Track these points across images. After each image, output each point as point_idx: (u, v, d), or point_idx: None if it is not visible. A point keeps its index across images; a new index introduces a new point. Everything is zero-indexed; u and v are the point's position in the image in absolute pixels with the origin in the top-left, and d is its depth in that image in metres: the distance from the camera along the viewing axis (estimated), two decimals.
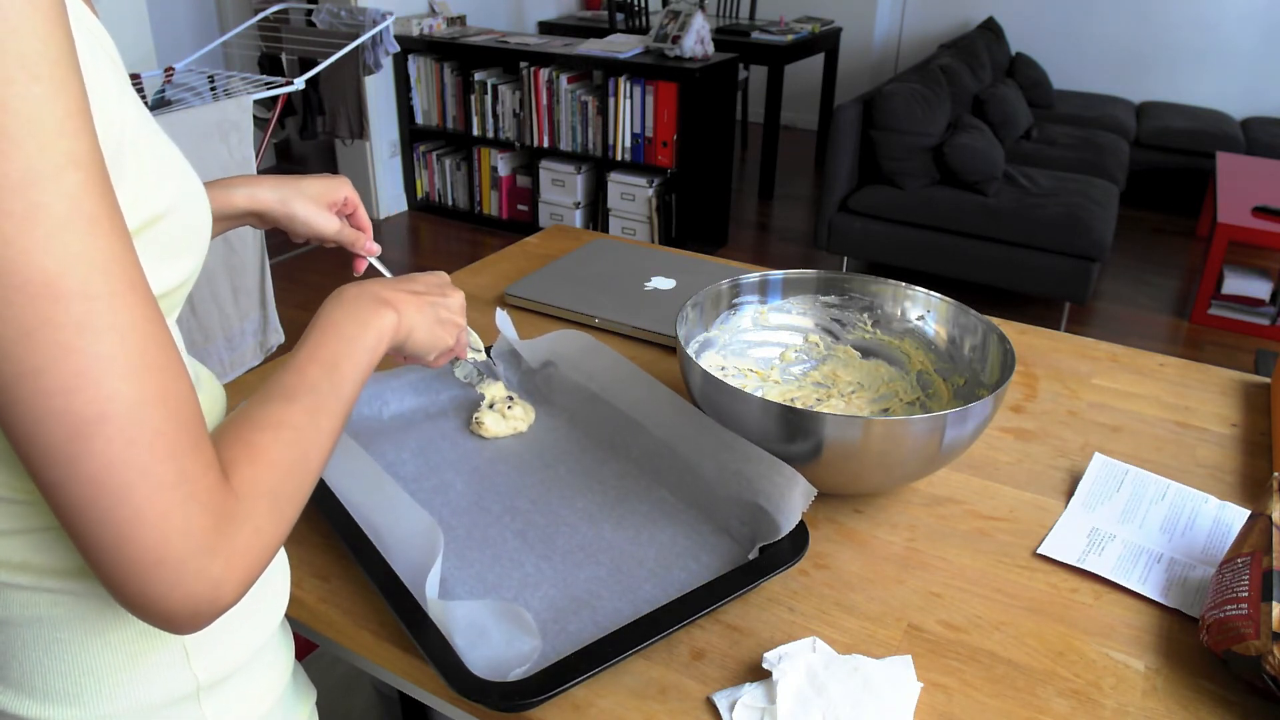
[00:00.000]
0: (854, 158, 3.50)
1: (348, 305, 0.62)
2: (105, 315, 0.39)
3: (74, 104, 0.38)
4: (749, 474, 0.82)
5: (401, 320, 0.65)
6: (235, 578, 0.45)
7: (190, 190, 0.52)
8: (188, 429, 0.43)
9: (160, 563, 0.42)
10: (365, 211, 0.90)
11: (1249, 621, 0.67)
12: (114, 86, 0.45)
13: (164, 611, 0.43)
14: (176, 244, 0.51)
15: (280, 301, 2.66)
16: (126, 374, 0.40)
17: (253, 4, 3.69)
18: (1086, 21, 5.08)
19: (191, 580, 0.43)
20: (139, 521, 0.41)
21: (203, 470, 0.44)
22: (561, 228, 1.60)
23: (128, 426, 0.40)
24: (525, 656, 0.66)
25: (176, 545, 0.42)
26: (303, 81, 2.59)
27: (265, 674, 0.63)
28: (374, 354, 0.61)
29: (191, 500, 0.42)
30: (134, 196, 0.46)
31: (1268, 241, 3.25)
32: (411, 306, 0.67)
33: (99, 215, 0.39)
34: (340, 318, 0.61)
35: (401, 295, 0.67)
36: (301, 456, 0.51)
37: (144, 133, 0.48)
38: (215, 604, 0.44)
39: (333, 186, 0.86)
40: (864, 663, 0.68)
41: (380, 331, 0.62)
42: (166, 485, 0.41)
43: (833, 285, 1.07)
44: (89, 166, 0.39)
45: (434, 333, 0.71)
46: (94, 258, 0.39)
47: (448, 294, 0.73)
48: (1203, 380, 1.15)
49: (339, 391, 0.57)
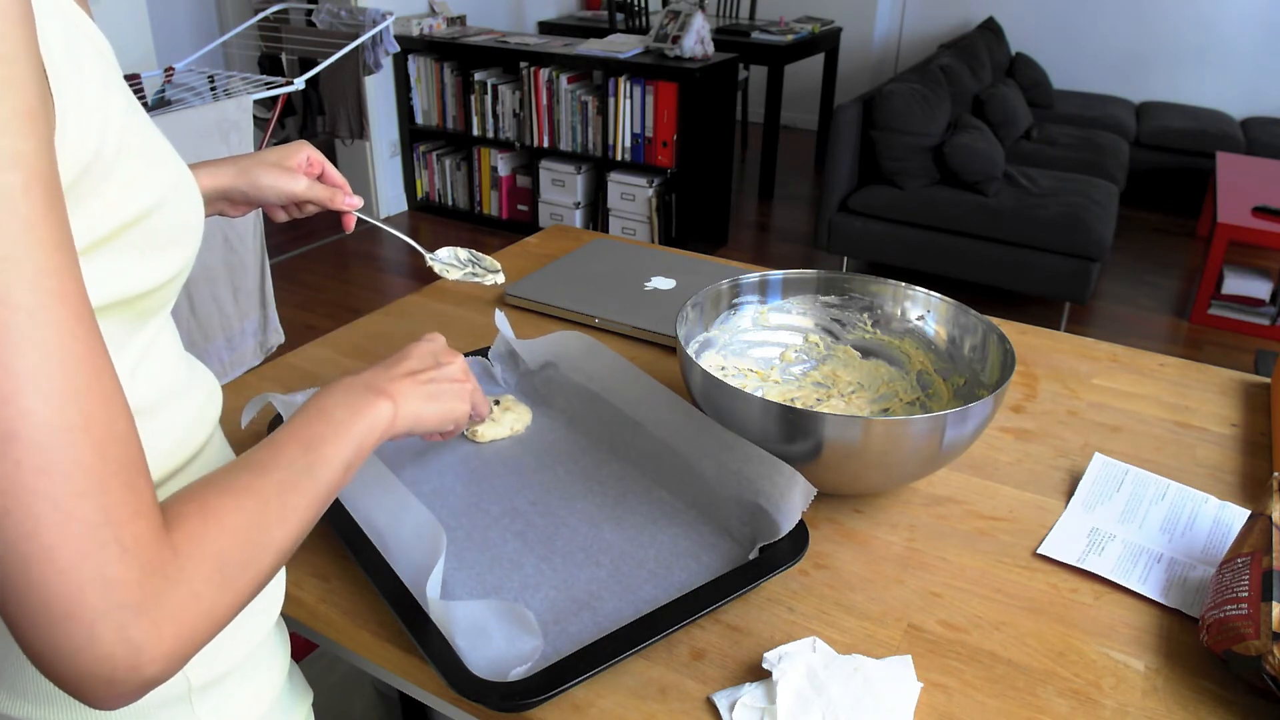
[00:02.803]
0: (854, 158, 3.50)
1: (339, 393, 0.59)
2: (26, 328, 0.35)
3: (23, 104, 0.36)
4: (749, 474, 0.82)
5: (399, 410, 0.62)
6: (162, 647, 0.39)
7: (180, 182, 0.52)
8: (118, 466, 0.38)
9: (70, 615, 0.36)
10: (335, 169, 0.89)
11: (1249, 621, 0.67)
12: (100, 83, 0.45)
13: (73, 674, 0.37)
14: (168, 236, 0.50)
15: (280, 301, 2.66)
16: (44, 394, 0.36)
17: (253, 4, 3.69)
18: (1086, 21, 5.08)
19: (107, 640, 0.37)
20: (47, 562, 0.36)
21: (131, 515, 0.38)
22: (561, 228, 1.60)
23: (41, 450, 0.36)
24: (526, 656, 0.66)
25: (91, 596, 0.37)
26: (303, 81, 2.59)
27: (260, 676, 0.63)
28: (362, 442, 0.57)
29: (114, 544, 0.37)
30: (124, 192, 0.46)
31: (1268, 241, 3.25)
32: (408, 392, 0.64)
33: (36, 222, 0.36)
34: (329, 404, 0.58)
35: (396, 383, 0.64)
36: (260, 529, 0.46)
37: (133, 128, 0.47)
38: (135, 675, 0.38)
39: (291, 149, 0.86)
40: (864, 663, 0.68)
41: (373, 421, 0.59)
42: (84, 524, 0.37)
43: (833, 285, 1.07)
44: (32, 170, 0.36)
45: (442, 408, 0.67)
46: (21, 266, 0.35)
47: (444, 361, 0.70)
48: (1203, 380, 1.15)
49: (315, 472, 0.52)
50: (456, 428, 0.72)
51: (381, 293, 3.57)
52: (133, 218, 0.47)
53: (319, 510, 0.52)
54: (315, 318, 3.29)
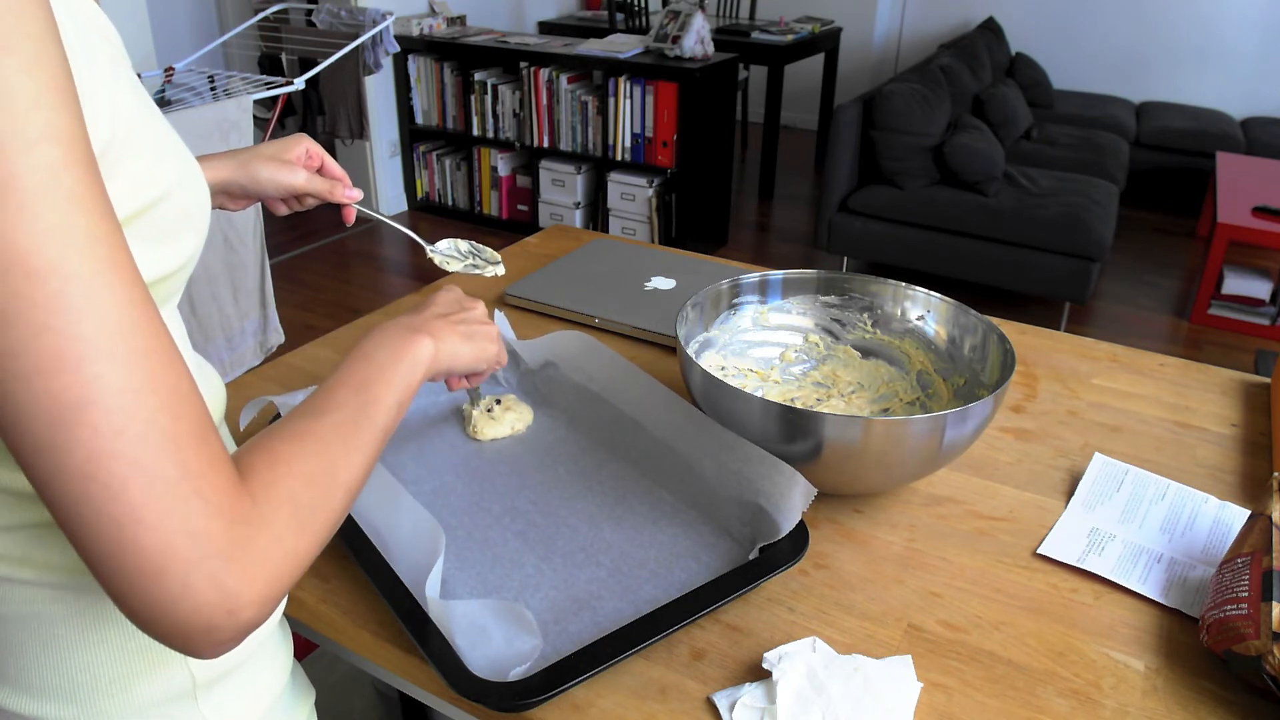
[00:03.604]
0: (854, 158, 3.50)
1: (379, 336, 0.61)
2: (84, 295, 0.36)
3: (53, 79, 0.37)
4: (749, 474, 0.82)
5: (440, 347, 0.64)
6: (255, 590, 0.40)
7: (188, 170, 0.53)
8: (188, 421, 0.39)
9: (164, 569, 0.38)
10: (334, 162, 0.89)
11: (1249, 621, 0.67)
12: (109, 72, 0.45)
13: (173, 626, 0.39)
14: (178, 224, 0.51)
15: (280, 301, 2.66)
16: (110, 358, 0.37)
17: (253, 4, 3.69)
18: (1086, 21, 5.08)
19: (202, 590, 0.38)
20: (135, 521, 0.37)
21: (209, 466, 0.40)
22: (561, 228, 1.60)
23: (115, 413, 0.37)
24: (526, 656, 0.66)
25: (182, 549, 0.38)
26: (303, 81, 2.59)
27: (263, 672, 0.63)
28: (409, 381, 0.59)
29: (197, 498, 0.39)
30: (134, 180, 0.46)
31: (1268, 241, 3.25)
32: (446, 331, 0.66)
33: (78, 192, 0.37)
34: (372, 348, 0.60)
35: (433, 322, 0.66)
36: (328, 468, 0.48)
37: (142, 116, 0.47)
38: (233, 619, 0.40)
39: (290, 142, 0.87)
40: (864, 663, 0.68)
41: (415, 359, 0.61)
42: (166, 481, 0.38)
43: (833, 285, 1.07)
44: (69, 142, 0.37)
45: (475, 347, 0.70)
46: (71, 235, 0.36)
47: (468, 307, 0.73)
48: (1203, 380, 1.15)
49: (369, 412, 0.54)
50: (489, 369, 0.75)
51: (381, 293, 3.57)
52: (144, 205, 0.47)
53: (378, 448, 0.54)
54: (315, 318, 3.29)
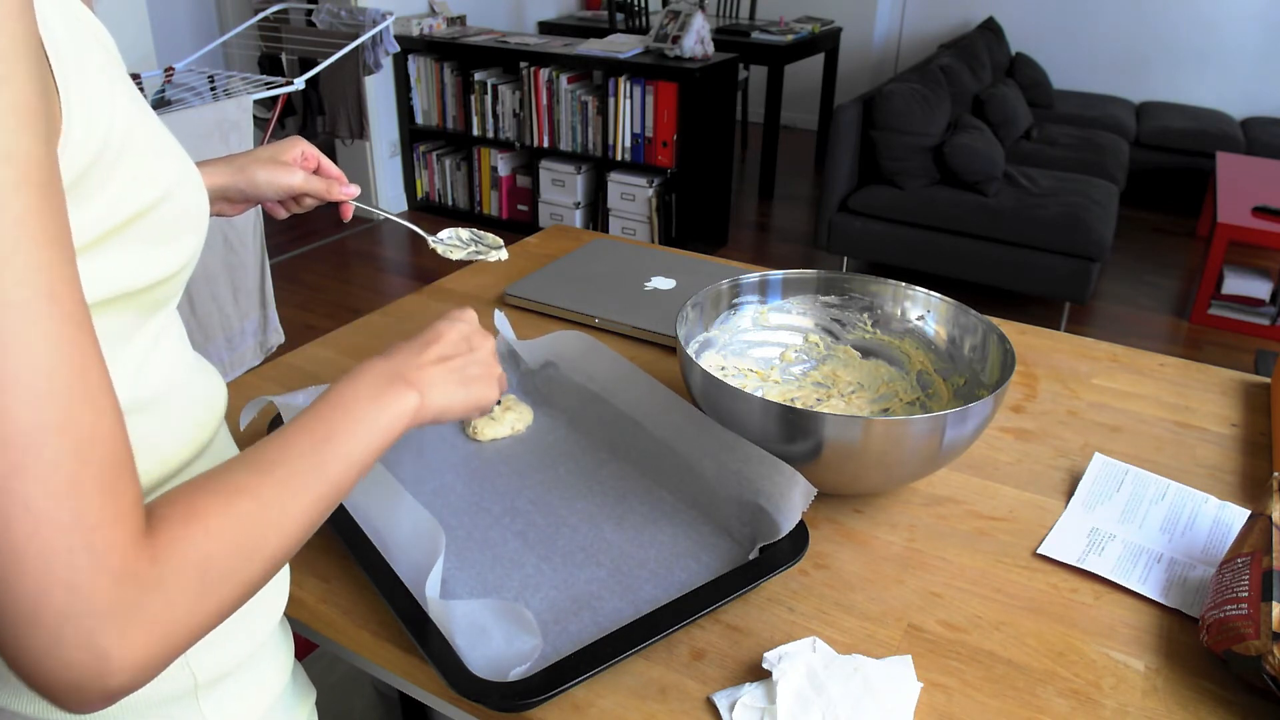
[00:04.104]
0: (854, 158, 3.50)
1: (361, 380, 0.56)
2: (11, 326, 0.35)
3: (19, 99, 0.36)
4: (749, 474, 0.82)
5: (428, 399, 0.59)
6: (131, 656, 0.38)
7: (186, 172, 0.52)
8: (98, 467, 0.37)
9: (36, 619, 0.36)
10: (331, 162, 0.89)
11: (1249, 621, 0.67)
12: (105, 75, 0.45)
13: (40, 679, 0.37)
14: (176, 226, 0.51)
15: (280, 301, 2.66)
16: (25, 392, 0.35)
17: (253, 4, 3.69)
18: (1086, 21, 5.08)
19: (72, 647, 0.36)
20: (15, 564, 0.35)
21: (109, 517, 0.37)
22: (561, 228, 1.60)
23: (16, 450, 0.35)
24: (526, 655, 0.66)
25: (57, 601, 0.36)
26: (303, 81, 2.58)
27: (264, 673, 0.63)
28: (386, 435, 0.55)
29: (85, 551, 0.36)
30: (132, 183, 0.46)
31: (1268, 241, 3.25)
32: (438, 381, 0.60)
33: (26, 217, 0.35)
34: (350, 394, 0.54)
35: (425, 370, 0.60)
36: (256, 534, 0.44)
37: (138, 120, 0.47)
38: (102, 683, 0.37)
39: (286, 144, 0.86)
40: (864, 663, 0.68)
41: (397, 413, 0.56)
42: (56, 527, 0.36)
43: (833, 285, 1.07)
44: (25, 164, 0.36)
45: (471, 395, 0.63)
46: (11, 261, 0.35)
47: (475, 345, 0.66)
48: (1203, 380, 1.15)
49: (326, 471, 0.49)
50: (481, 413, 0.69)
51: (381, 293, 3.57)
52: (142, 208, 0.47)
53: (326, 510, 0.50)
54: (315, 318, 3.29)
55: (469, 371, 0.63)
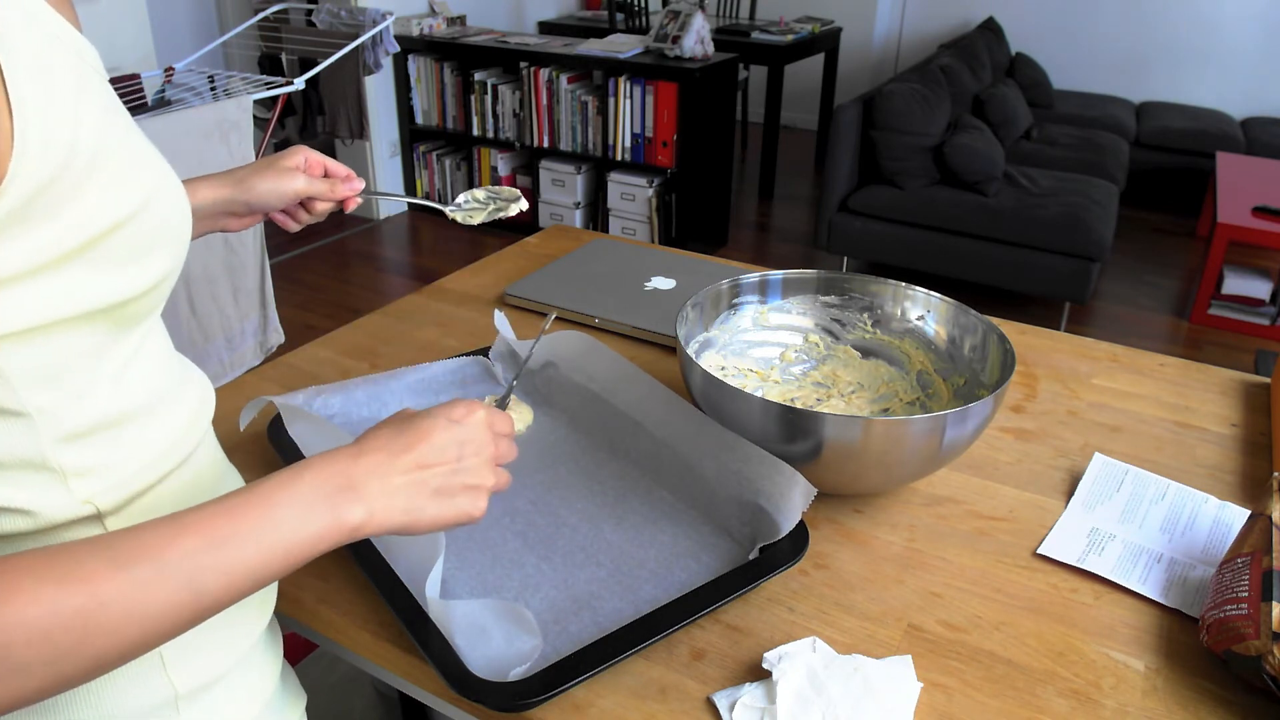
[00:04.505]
0: (854, 158, 3.50)
1: (304, 480, 0.49)
2: None
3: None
4: (749, 474, 0.82)
5: (376, 518, 0.51)
6: None
7: (164, 185, 0.51)
8: None
9: None
10: (336, 163, 0.87)
11: (1249, 621, 0.67)
12: (73, 89, 0.43)
13: None
14: (149, 243, 0.49)
15: (280, 301, 2.66)
16: None
17: (253, 4, 3.69)
18: (1086, 21, 5.08)
19: None
20: None
21: None
22: (561, 228, 1.60)
23: None
24: (526, 655, 0.66)
25: None
26: (303, 81, 2.58)
27: (248, 682, 0.62)
28: (305, 551, 0.48)
29: None
30: (99, 200, 0.45)
31: (1268, 241, 3.25)
32: (400, 494, 0.52)
33: None
34: (282, 493, 0.48)
35: (390, 480, 0.52)
36: (75, 633, 0.39)
37: (111, 134, 0.46)
38: None
39: (287, 153, 0.85)
40: (864, 663, 0.68)
41: (328, 529, 0.49)
42: None
43: (833, 285, 1.07)
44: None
45: (446, 510, 0.55)
46: None
47: (464, 455, 0.56)
48: (1203, 380, 1.15)
49: (197, 583, 0.43)
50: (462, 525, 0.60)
51: (381, 293, 3.57)
52: (109, 226, 0.46)
53: (190, 622, 0.43)
54: (315, 318, 3.29)
55: (451, 481, 0.55)
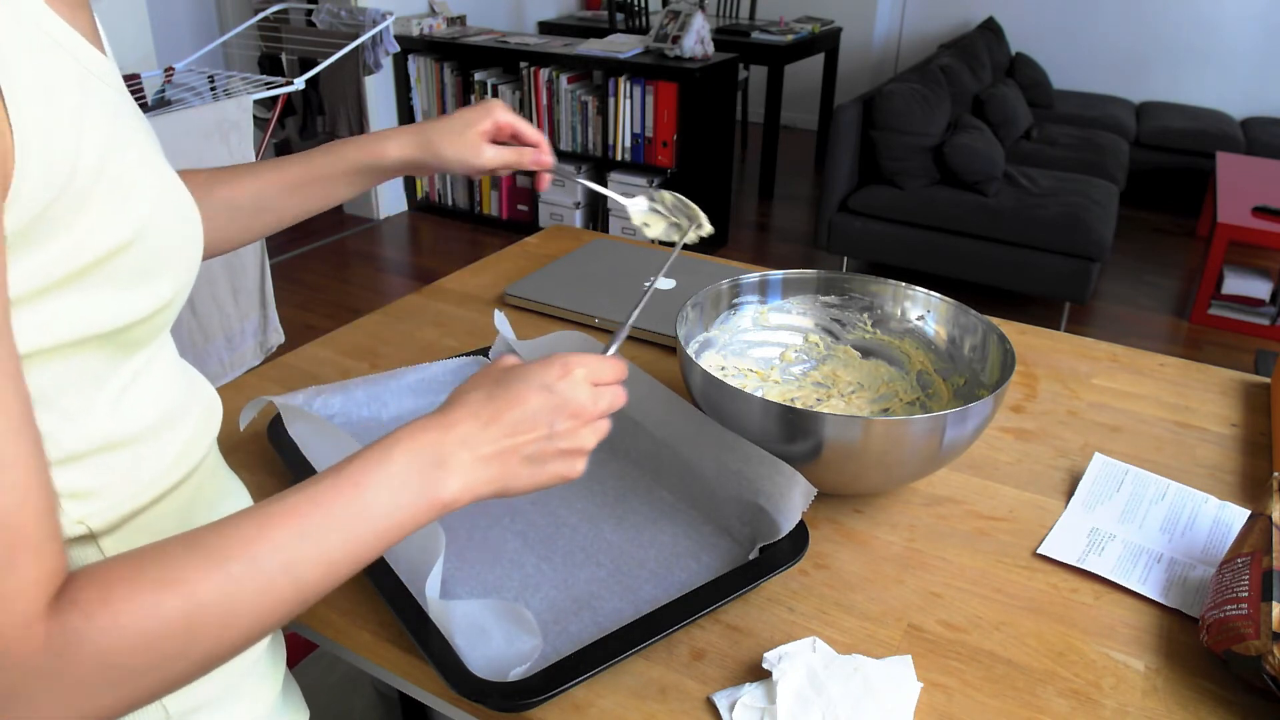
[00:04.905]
0: (854, 158, 3.50)
1: (398, 458, 0.48)
2: None
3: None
4: (749, 474, 0.82)
5: (466, 490, 0.50)
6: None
7: (170, 210, 0.49)
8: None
9: None
10: (530, 127, 0.81)
11: (1249, 621, 0.67)
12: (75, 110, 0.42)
13: None
14: (152, 267, 0.48)
15: (280, 301, 2.66)
16: None
17: (253, 4, 3.69)
18: (1086, 21, 5.08)
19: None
20: None
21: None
22: (561, 228, 1.60)
23: None
24: (526, 656, 0.66)
25: None
26: (303, 81, 2.58)
27: (247, 700, 0.61)
28: (398, 531, 0.47)
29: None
30: (101, 224, 0.44)
31: (1268, 241, 3.25)
32: (489, 464, 0.51)
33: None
34: (375, 476, 0.46)
35: (481, 450, 0.51)
36: (178, 636, 0.39)
37: (115, 155, 0.44)
38: None
39: (478, 114, 0.79)
40: (864, 663, 0.68)
41: (423, 508, 0.48)
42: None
43: (833, 285, 1.07)
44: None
45: (542, 474, 0.54)
46: None
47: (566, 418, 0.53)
48: (1203, 380, 1.15)
49: (296, 572, 0.42)
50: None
51: (381, 293, 3.57)
52: (110, 250, 0.44)
53: (290, 614, 0.42)
54: (315, 318, 3.29)
55: (545, 448, 0.53)
